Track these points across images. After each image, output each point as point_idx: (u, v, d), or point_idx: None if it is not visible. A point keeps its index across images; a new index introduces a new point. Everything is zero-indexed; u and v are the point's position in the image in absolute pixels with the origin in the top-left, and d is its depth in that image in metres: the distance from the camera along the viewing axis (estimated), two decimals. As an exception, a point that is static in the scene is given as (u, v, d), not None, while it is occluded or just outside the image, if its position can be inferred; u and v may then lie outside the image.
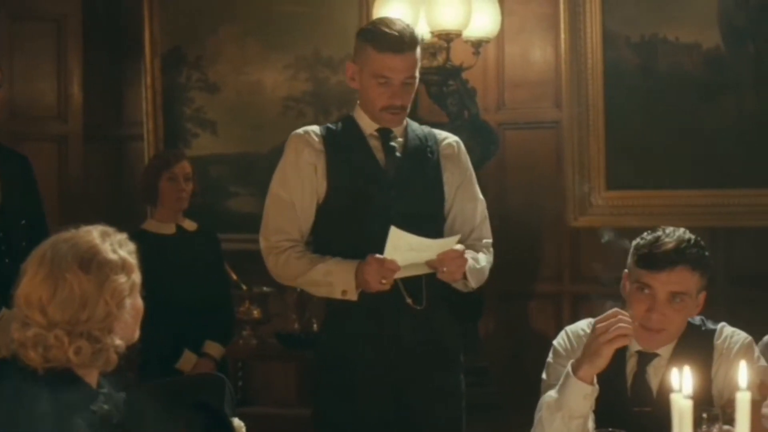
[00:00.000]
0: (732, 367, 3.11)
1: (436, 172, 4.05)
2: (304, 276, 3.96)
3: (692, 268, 3.26)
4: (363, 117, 4.02)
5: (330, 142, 4.00)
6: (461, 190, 4.08)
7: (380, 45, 3.89)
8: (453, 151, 4.09)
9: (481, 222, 4.12)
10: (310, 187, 3.97)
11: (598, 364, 3.17)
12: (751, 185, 5.62)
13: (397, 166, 3.98)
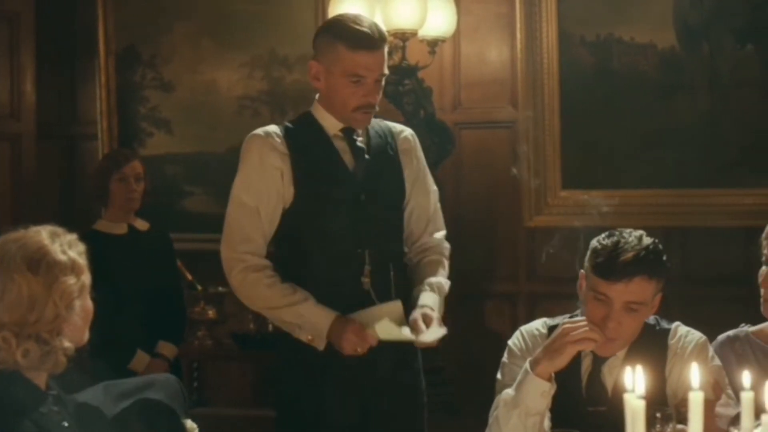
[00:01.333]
0: (686, 367, 3.11)
1: (397, 168, 3.99)
2: (272, 310, 3.87)
3: (649, 277, 3.23)
4: (326, 117, 3.90)
5: (293, 144, 3.87)
6: (418, 183, 4.03)
7: (352, 43, 3.75)
8: (410, 145, 4.04)
9: (435, 212, 4.07)
10: (276, 193, 3.84)
11: (558, 363, 3.18)
12: (705, 185, 5.65)
13: (364, 168, 3.90)
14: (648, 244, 3.29)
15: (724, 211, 5.54)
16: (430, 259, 3.99)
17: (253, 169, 3.87)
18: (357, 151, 3.90)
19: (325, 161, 3.88)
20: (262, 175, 3.85)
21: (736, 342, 3.59)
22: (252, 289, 3.86)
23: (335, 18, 4.05)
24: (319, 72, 3.86)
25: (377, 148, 3.96)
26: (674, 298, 5.23)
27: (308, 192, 3.85)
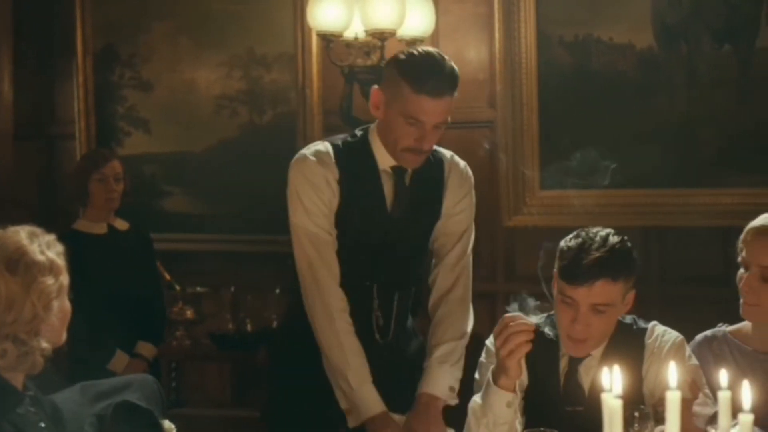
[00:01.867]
0: (663, 366, 3.12)
1: (436, 204, 3.87)
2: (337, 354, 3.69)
3: (613, 279, 3.23)
4: (380, 149, 3.73)
5: (345, 170, 3.71)
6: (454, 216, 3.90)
7: (417, 85, 3.55)
8: (460, 176, 3.92)
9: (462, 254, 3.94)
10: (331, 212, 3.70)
11: (512, 375, 3.18)
12: (683, 185, 5.66)
13: (403, 210, 3.78)
14: (614, 244, 3.27)
15: (702, 211, 5.56)
16: (441, 313, 3.90)
17: (313, 192, 3.70)
18: (401, 192, 3.77)
19: (368, 196, 3.76)
20: (320, 196, 3.70)
21: (714, 341, 3.60)
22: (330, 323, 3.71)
23: (409, 51, 3.75)
24: (380, 101, 3.66)
25: (423, 185, 3.82)
26: (652, 297, 5.28)
27: (343, 221, 3.75)
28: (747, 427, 2.17)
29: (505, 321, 3.17)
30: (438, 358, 3.80)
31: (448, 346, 3.82)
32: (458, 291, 3.92)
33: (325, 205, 3.69)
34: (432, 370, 3.78)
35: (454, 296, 3.91)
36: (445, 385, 3.77)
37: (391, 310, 3.86)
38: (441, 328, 3.86)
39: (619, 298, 3.27)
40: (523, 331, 3.14)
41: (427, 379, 3.77)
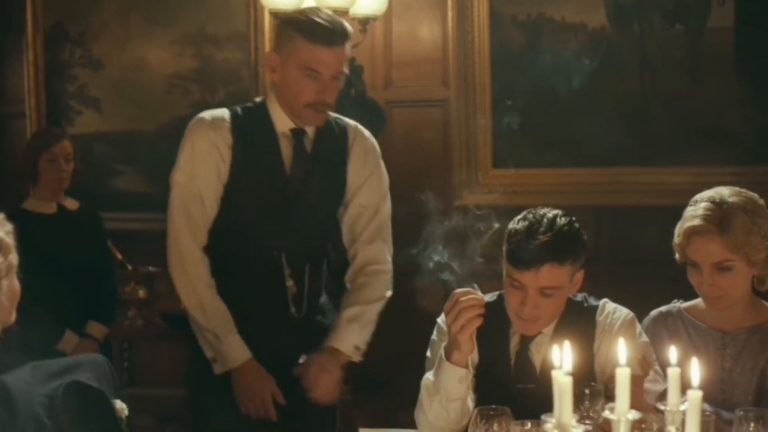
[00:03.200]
0: (614, 343, 3.12)
1: (340, 172, 3.91)
2: (201, 308, 3.78)
3: (560, 263, 3.23)
4: (278, 112, 3.80)
5: (239, 134, 3.77)
6: (366, 186, 3.95)
7: (311, 36, 3.64)
8: (365, 147, 3.97)
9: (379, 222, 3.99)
10: (218, 179, 3.76)
11: (465, 350, 3.20)
12: (635, 164, 5.70)
13: (303, 173, 3.83)
14: (561, 226, 3.27)
15: (653, 190, 5.60)
16: (358, 283, 3.97)
17: (196, 155, 3.77)
18: (300, 155, 3.82)
19: (266, 160, 3.80)
20: (204, 159, 3.76)
21: (669, 318, 3.61)
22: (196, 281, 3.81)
23: (300, 10, 3.92)
24: (276, 63, 3.74)
25: (324, 150, 3.88)
26: (603, 275, 5.30)
27: (241, 186, 3.78)
28: (696, 403, 2.19)
29: (456, 296, 3.18)
30: (347, 317, 3.88)
31: (359, 308, 3.91)
32: (377, 265, 3.97)
33: (208, 171, 3.75)
34: (340, 328, 3.86)
35: (371, 269, 3.96)
36: (351, 342, 3.85)
37: (303, 283, 3.87)
38: (355, 294, 3.93)
39: (567, 280, 3.28)
40: (474, 305, 3.15)
41: (334, 335, 3.85)
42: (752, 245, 3.36)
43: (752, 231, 3.37)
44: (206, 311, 3.77)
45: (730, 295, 3.42)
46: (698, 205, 3.44)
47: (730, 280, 3.39)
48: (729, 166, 5.35)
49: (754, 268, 3.40)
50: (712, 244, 3.37)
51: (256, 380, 3.78)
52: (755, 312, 3.50)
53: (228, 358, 3.76)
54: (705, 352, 3.41)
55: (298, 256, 3.86)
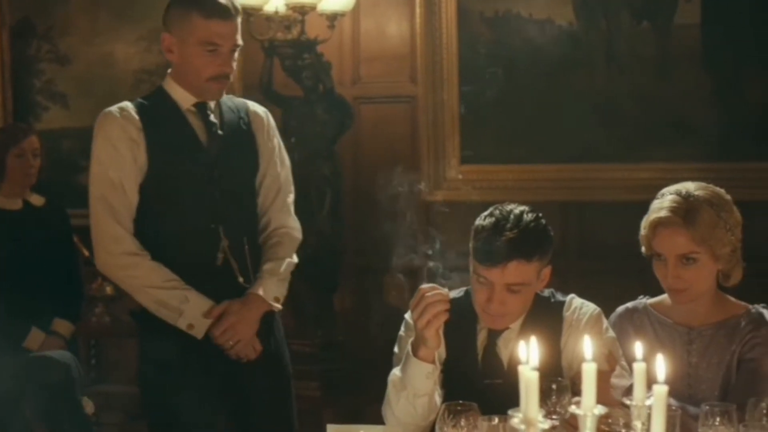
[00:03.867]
0: (581, 339, 3.14)
1: (251, 144, 4.01)
2: (153, 289, 3.83)
3: (527, 260, 3.23)
4: (178, 91, 3.87)
5: (147, 119, 3.84)
6: (272, 159, 4.05)
7: (207, 11, 3.75)
8: (262, 121, 4.06)
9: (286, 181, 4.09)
10: (135, 164, 3.80)
11: (431, 346, 3.20)
12: (602, 160, 5.71)
13: (217, 143, 3.90)
14: (527, 222, 3.27)
15: (620, 185, 5.61)
16: (271, 242, 4.03)
17: (110, 144, 3.82)
18: (210, 126, 3.90)
19: (179, 136, 3.87)
20: (117, 146, 3.80)
21: (635, 314, 3.63)
22: (132, 269, 3.84)
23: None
24: (172, 44, 3.83)
25: (230, 124, 3.97)
26: (571, 271, 5.31)
27: (162, 167, 3.83)
28: (661, 398, 2.19)
29: (422, 292, 3.18)
30: (268, 270, 3.94)
31: (277, 263, 3.97)
32: (288, 229, 4.06)
33: (123, 157, 3.79)
34: (262, 280, 3.92)
35: (283, 231, 4.04)
36: (271, 293, 3.92)
37: (245, 255, 3.93)
38: (271, 251, 3.99)
39: (534, 276, 3.28)
40: (440, 301, 3.15)
41: (256, 286, 3.90)
42: (717, 238, 3.39)
43: (717, 225, 3.39)
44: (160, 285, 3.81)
45: (695, 289, 3.44)
46: (665, 197, 3.46)
47: (694, 273, 3.41)
48: (696, 162, 5.37)
49: (719, 262, 3.42)
50: (678, 236, 3.39)
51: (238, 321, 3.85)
52: (721, 307, 3.52)
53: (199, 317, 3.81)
54: (671, 348, 3.43)
55: (236, 228, 3.92)
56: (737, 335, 3.46)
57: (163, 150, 3.83)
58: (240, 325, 3.85)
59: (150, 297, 3.84)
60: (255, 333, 3.89)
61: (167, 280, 3.81)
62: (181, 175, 3.85)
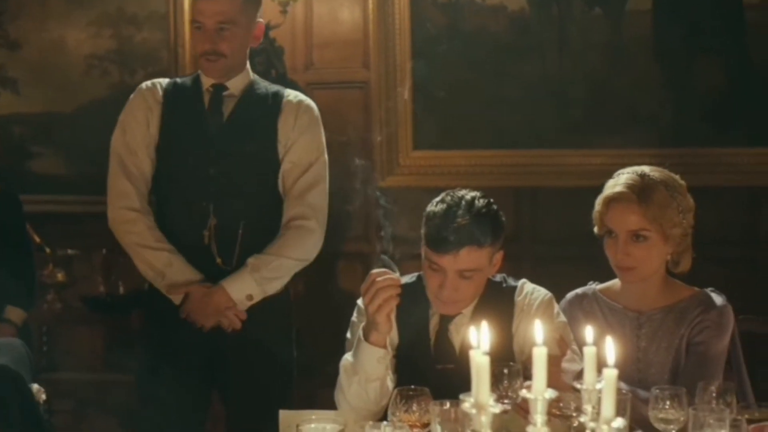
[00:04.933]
0: (532, 323, 3.16)
1: (269, 133, 4.02)
2: (143, 248, 3.95)
3: (479, 246, 3.24)
4: None
5: (170, 94, 4.03)
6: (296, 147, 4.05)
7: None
8: (291, 108, 4.06)
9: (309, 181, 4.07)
10: (148, 133, 4.00)
11: (382, 331, 3.21)
12: (554, 146, 5.73)
13: (223, 124, 3.98)
14: (479, 208, 3.28)
15: (572, 171, 5.63)
16: (279, 234, 4.02)
17: (131, 111, 4.05)
18: (216, 105, 3.99)
19: (189, 112, 4.01)
20: (135, 112, 4.03)
21: (584, 299, 3.66)
22: (129, 224, 3.97)
23: None
24: None
25: (249, 108, 4.01)
26: (524, 256, 5.35)
27: (168, 139, 3.99)
28: (611, 381, 2.21)
29: (372, 277, 3.19)
30: (251, 264, 3.93)
31: (267, 257, 3.96)
32: (301, 221, 4.02)
33: (138, 122, 4.01)
34: (238, 273, 3.93)
35: (295, 224, 4.02)
36: (243, 289, 3.92)
37: (235, 239, 3.95)
38: (272, 244, 3.99)
39: (486, 261, 3.29)
40: (390, 285, 3.15)
41: (230, 278, 3.92)
42: (669, 218, 3.42)
43: (670, 205, 3.43)
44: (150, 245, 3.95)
45: (643, 268, 3.47)
46: (620, 176, 3.51)
47: (644, 251, 3.44)
48: (648, 148, 5.39)
49: (669, 244, 3.46)
50: (630, 212, 3.43)
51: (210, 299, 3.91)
52: (670, 292, 3.55)
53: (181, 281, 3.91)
54: (621, 333, 3.45)
55: (231, 211, 3.95)
56: (686, 319, 3.49)
57: (174, 123, 4.00)
58: (196, 315, 3.89)
59: (139, 256, 3.96)
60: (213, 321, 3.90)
61: (158, 241, 3.94)
62: (184, 149, 3.97)
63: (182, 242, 3.95)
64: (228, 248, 3.96)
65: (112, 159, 4.05)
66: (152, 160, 4.02)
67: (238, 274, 3.92)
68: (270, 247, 3.97)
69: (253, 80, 4.08)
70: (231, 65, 3.98)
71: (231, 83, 4.02)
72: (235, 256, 3.96)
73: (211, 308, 3.89)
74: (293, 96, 4.10)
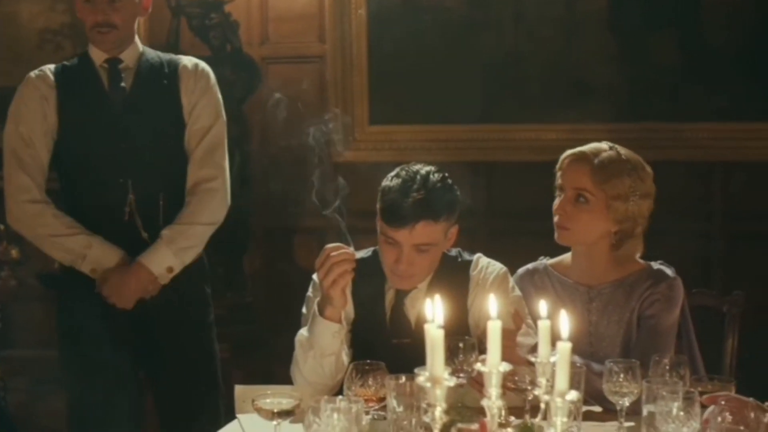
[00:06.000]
0: (487, 298, 3.17)
1: (170, 99, 4.04)
2: (56, 237, 3.92)
3: (434, 220, 3.26)
4: (93, 48, 4.01)
5: (63, 77, 3.99)
6: (197, 110, 4.06)
7: None
8: (188, 73, 4.08)
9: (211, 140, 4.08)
10: (44, 120, 3.94)
11: (337, 305, 3.22)
12: (509, 120, 5.73)
13: (125, 98, 3.97)
14: (434, 183, 3.29)
15: (527, 146, 5.63)
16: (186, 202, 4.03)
17: (22, 102, 3.98)
18: (116, 79, 3.97)
19: (88, 92, 3.97)
20: (27, 103, 3.96)
21: (536, 274, 3.68)
22: (36, 218, 3.93)
23: None
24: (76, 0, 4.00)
25: (147, 79, 4.02)
26: (480, 231, 5.35)
27: (71, 123, 3.95)
28: (565, 354, 2.22)
29: (327, 251, 3.20)
30: (166, 237, 3.93)
31: (179, 228, 3.96)
32: (206, 184, 4.03)
33: (33, 113, 3.94)
34: (154, 248, 3.92)
35: (200, 188, 4.02)
36: (163, 263, 3.91)
37: (158, 211, 3.96)
38: (183, 213, 3.99)
39: (442, 236, 3.30)
40: (345, 260, 3.16)
41: (148, 252, 3.91)
42: (616, 189, 3.45)
43: (623, 180, 3.46)
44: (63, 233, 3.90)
45: (577, 231, 3.50)
46: (593, 143, 3.55)
47: (583, 214, 3.47)
48: (603, 123, 5.41)
49: (610, 217, 3.47)
50: (581, 173, 3.48)
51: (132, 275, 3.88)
52: (620, 266, 3.58)
53: (103, 261, 3.88)
54: (572, 307, 3.48)
55: (150, 184, 3.95)
56: (636, 292, 3.52)
57: (73, 106, 3.94)
58: (114, 297, 3.89)
59: (55, 245, 3.94)
60: (135, 300, 3.90)
61: (70, 227, 3.90)
62: (89, 129, 3.93)
63: (102, 223, 3.93)
64: (151, 221, 3.95)
65: (6, 153, 3.98)
66: (49, 149, 3.97)
67: (155, 249, 3.91)
68: (180, 217, 3.97)
69: (143, 51, 4.07)
70: (122, 37, 3.98)
71: (124, 55, 4.01)
72: (160, 227, 3.96)
73: (134, 288, 3.88)
74: (188, 61, 4.11)
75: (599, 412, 3.24)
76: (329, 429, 2.57)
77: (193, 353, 4.07)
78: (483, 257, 3.49)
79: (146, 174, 3.95)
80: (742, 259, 5.35)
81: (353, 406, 2.58)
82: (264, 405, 2.86)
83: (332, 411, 2.58)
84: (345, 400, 2.64)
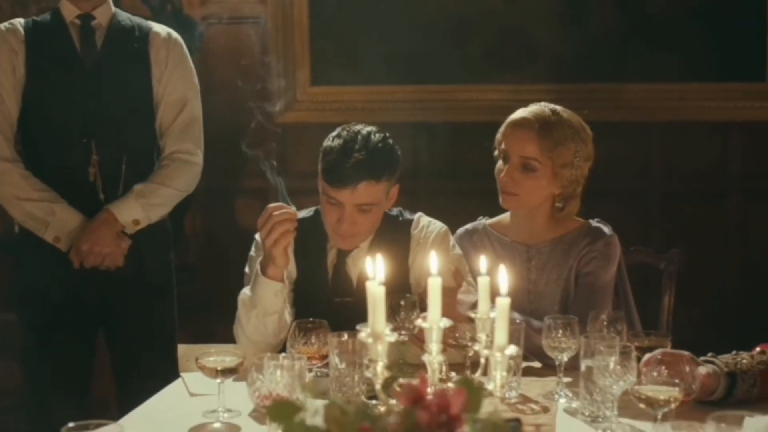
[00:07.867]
0: (428, 256, 3.20)
1: (140, 64, 4.01)
2: (21, 201, 3.88)
3: (376, 180, 3.28)
4: (65, 4, 3.97)
5: (32, 32, 3.94)
6: (169, 83, 4.05)
7: None
8: (160, 43, 4.06)
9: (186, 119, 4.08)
10: (13, 75, 3.90)
11: (279, 264, 3.24)
12: (451, 81, 5.74)
13: (96, 57, 3.95)
14: (375, 143, 3.31)
15: (468, 106, 5.65)
16: (159, 166, 4.04)
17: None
18: (86, 35, 3.95)
19: (57, 48, 3.94)
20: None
21: (475, 234, 3.71)
22: (2, 175, 3.88)
23: None
24: None
25: (119, 40, 3.99)
26: (421, 191, 5.38)
27: (39, 78, 3.91)
28: (504, 310, 2.26)
29: (269, 211, 3.21)
30: (136, 191, 3.94)
31: (152, 186, 3.98)
32: (184, 155, 4.05)
33: (2, 68, 3.89)
34: (123, 198, 3.93)
35: (177, 156, 4.04)
36: (130, 214, 3.92)
37: (120, 174, 3.93)
38: (155, 173, 4.01)
39: (383, 195, 3.32)
40: (287, 219, 3.18)
41: (116, 203, 3.91)
42: (562, 157, 3.47)
43: (568, 146, 3.49)
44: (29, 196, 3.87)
45: (524, 198, 3.53)
46: (532, 105, 3.56)
47: (530, 182, 3.49)
48: (545, 84, 5.44)
49: (557, 183, 3.51)
50: (528, 141, 3.49)
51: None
52: (558, 224, 3.61)
53: (66, 228, 3.85)
54: (511, 266, 3.50)
55: (111, 144, 3.93)
56: (574, 250, 3.56)
57: (42, 61, 3.90)
58: (97, 247, 3.85)
59: (18, 208, 3.90)
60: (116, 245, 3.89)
61: (37, 190, 3.87)
62: (57, 86, 3.89)
63: (64, 182, 3.90)
64: (112, 183, 3.94)
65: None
66: (19, 104, 3.93)
67: (124, 200, 3.91)
68: (154, 177, 3.98)
69: (115, 12, 4.04)
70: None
71: (97, 13, 3.98)
72: (120, 191, 3.95)
73: (105, 232, 3.86)
74: (160, 28, 4.10)
75: (539, 367, 3.28)
76: (272, 386, 2.59)
77: (152, 316, 4.06)
78: (424, 216, 3.51)
79: (112, 135, 3.92)
80: (679, 218, 5.42)
81: (296, 363, 2.60)
82: (207, 363, 2.87)
83: (275, 368, 2.60)
84: (288, 358, 2.66)
